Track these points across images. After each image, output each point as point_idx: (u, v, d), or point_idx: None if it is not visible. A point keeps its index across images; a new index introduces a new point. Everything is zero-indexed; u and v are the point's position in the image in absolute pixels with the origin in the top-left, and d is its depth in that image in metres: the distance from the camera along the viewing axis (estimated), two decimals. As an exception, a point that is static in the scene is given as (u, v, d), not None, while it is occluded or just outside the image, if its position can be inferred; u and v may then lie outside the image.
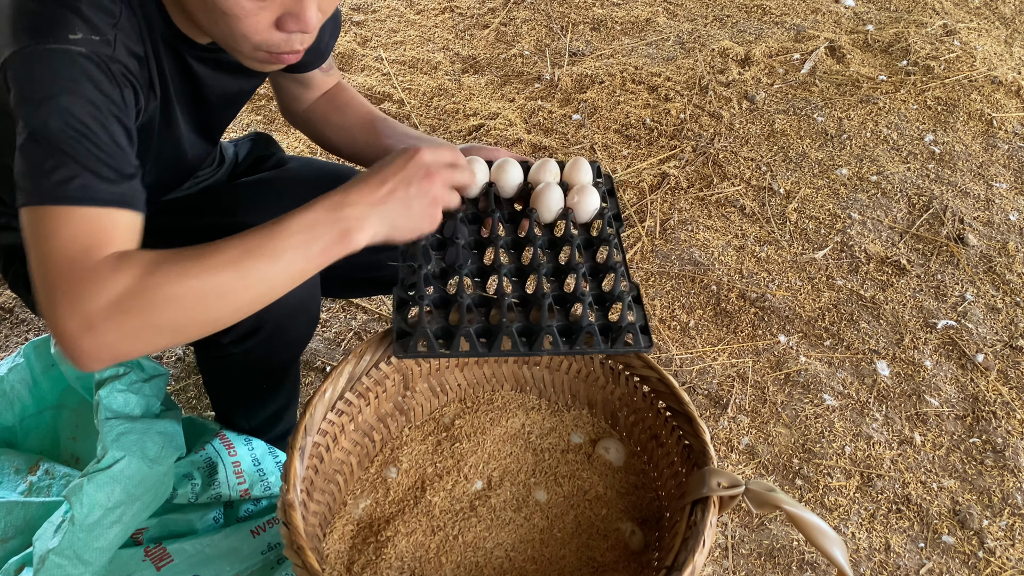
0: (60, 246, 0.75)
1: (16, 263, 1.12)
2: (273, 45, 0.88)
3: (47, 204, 0.76)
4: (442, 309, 0.98)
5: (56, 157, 0.76)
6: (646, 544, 0.99)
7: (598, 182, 1.09)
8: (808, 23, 2.60)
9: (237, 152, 1.33)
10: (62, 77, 0.78)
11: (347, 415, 1.02)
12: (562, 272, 1.02)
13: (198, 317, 0.78)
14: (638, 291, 0.99)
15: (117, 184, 0.79)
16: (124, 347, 0.76)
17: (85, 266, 0.75)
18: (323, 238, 0.82)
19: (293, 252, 0.81)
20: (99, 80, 0.80)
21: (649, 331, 0.96)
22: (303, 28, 0.86)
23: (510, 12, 2.66)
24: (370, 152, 1.20)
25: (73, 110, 0.78)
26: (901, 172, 2.05)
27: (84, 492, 0.99)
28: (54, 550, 0.99)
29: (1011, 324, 1.69)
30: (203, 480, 1.15)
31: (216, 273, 0.77)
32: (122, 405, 1.09)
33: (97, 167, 0.78)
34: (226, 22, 0.85)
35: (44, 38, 0.79)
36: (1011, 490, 1.41)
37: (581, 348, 0.95)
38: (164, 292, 0.75)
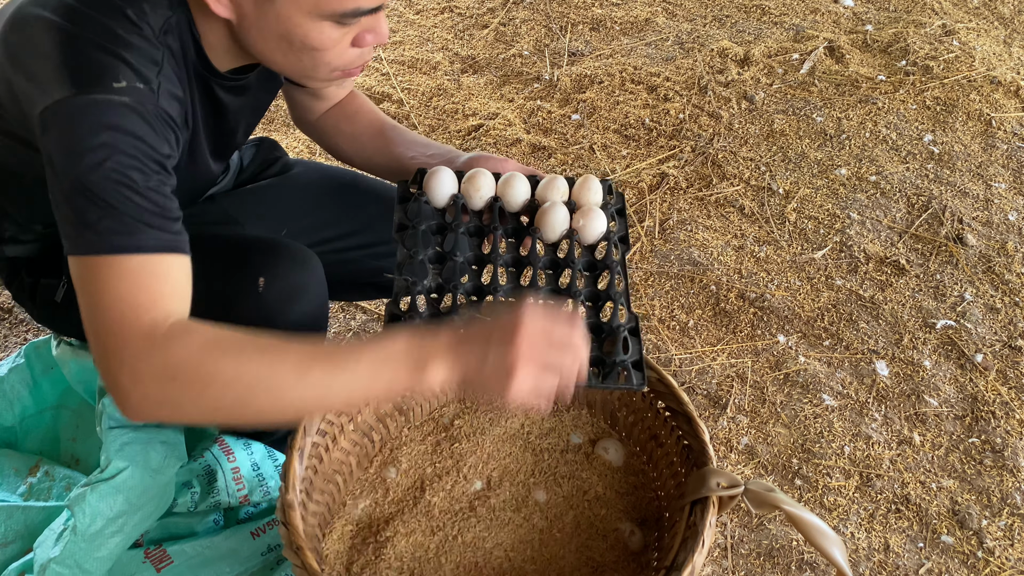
0: (112, 301, 0.76)
1: (22, 273, 1.12)
2: (349, 63, 0.91)
3: (94, 255, 0.77)
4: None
5: (101, 208, 0.77)
6: (645, 544, 0.99)
7: (608, 201, 1.06)
8: (807, 23, 2.60)
9: (242, 158, 1.33)
10: (105, 127, 0.78)
11: (346, 415, 1.03)
12: (561, 295, 0.99)
13: (243, 407, 0.77)
14: (637, 323, 0.95)
15: (161, 230, 0.79)
16: (166, 412, 0.77)
17: (140, 327, 0.76)
18: (397, 368, 0.77)
19: (362, 371, 0.77)
20: (142, 131, 0.80)
21: (643, 367, 0.92)
22: (380, 41, 0.89)
23: (509, 12, 2.67)
24: (380, 160, 1.19)
25: (117, 161, 0.78)
26: (900, 172, 2.05)
27: (86, 501, 0.99)
28: (55, 559, 0.99)
29: (1010, 324, 1.69)
30: (202, 488, 1.15)
31: (274, 366, 0.76)
32: (126, 414, 1.09)
33: (141, 216, 0.78)
34: (312, 56, 0.87)
35: (89, 87, 0.79)
36: (1010, 490, 1.41)
37: None
38: (218, 372, 0.75)
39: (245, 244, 1.05)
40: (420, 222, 1.00)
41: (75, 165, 0.77)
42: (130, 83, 0.80)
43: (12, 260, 1.11)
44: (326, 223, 1.26)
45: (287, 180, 1.32)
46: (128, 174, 0.78)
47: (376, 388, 0.78)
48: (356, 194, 1.31)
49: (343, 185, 1.32)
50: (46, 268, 1.09)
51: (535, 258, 1.00)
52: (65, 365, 1.21)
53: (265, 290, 1.00)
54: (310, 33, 0.84)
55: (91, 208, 0.77)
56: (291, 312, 1.01)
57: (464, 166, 1.08)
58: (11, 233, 1.09)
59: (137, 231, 0.78)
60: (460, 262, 0.98)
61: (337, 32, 0.85)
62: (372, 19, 0.87)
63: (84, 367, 1.19)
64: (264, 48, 0.89)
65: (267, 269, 1.01)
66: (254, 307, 1.00)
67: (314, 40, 0.85)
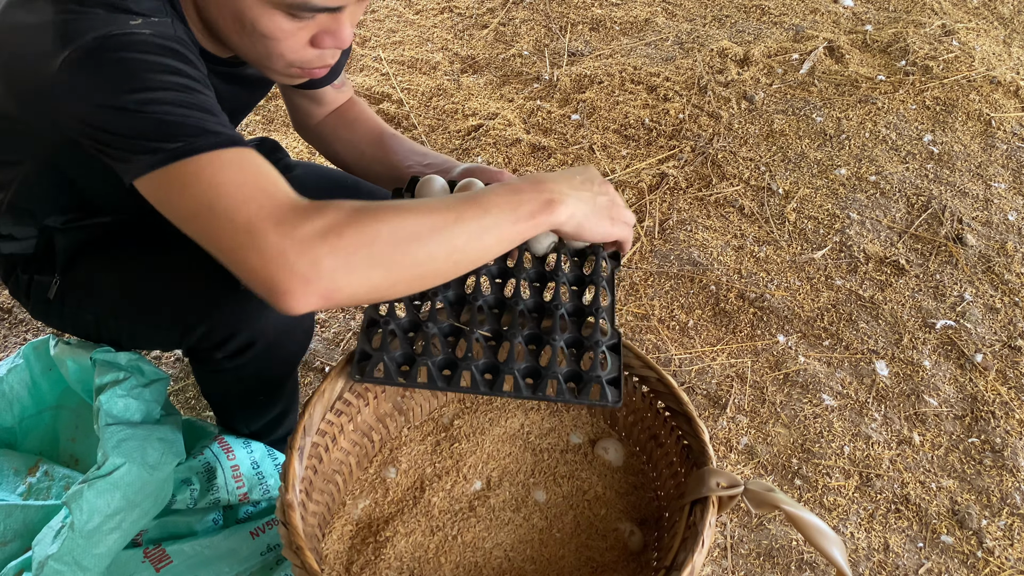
0: (234, 189, 0.73)
1: (17, 270, 1.12)
2: (307, 62, 0.89)
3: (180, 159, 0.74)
4: (412, 333, 0.95)
5: (166, 123, 0.75)
6: (645, 544, 0.99)
7: None
8: (807, 23, 2.60)
9: None
10: (139, 53, 0.77)
11: (346, 415, 1.02)
12: (544, 309, 0.98)
13: (411, 254, 0.76)
14: (619, 339, 0.95)
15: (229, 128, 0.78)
16: (340, 276, 0.72)
17: (279, 200, 0.73)
18: (529, 203, 0.83)
19: (500, 210, 0.81)
20: (173, 52, 0.80)
21: (620, 384, 0.92)
22: (339, 44, 0.88)
23: (509, 12, 2.67)
24: (378, 167, 1.19)
25: (162, 78, 0.76)
26: (900, 172, 2.05)
27: (84, 498, 0.99)
28: (53, 556, 0.99)
29: (1010, 324, 1.69)
30: (202, 486, 1.15)
31: (431, 214, 0.77)
32: (122, 411, 1.09)
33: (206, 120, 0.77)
34: (264, 43, 0.86)
35: (109, 28, 0.77)
36: (1010, 490, 1.41)
37: (543, 395, 0.92)
38: (380, 225, 0.74)
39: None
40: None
41: (121, 94, 0.75)
42: (146, 19, 0.80)
43: (8, 257, 1.12)
44: None
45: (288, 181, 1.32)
46: (178, 89, 0.77)
47: (517, 228, 0.82)
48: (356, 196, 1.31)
49: (344, 187, 1.32)
50: (40, 265, 1.10)
51: (520, 270, 1.00)
52: (63, 365, 1.21)
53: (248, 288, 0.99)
54: (260, 18, 0.83)
55: (156, 125, 0.75)
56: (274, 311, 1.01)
57: (459, 176, 1.08)
58: (7, 230, 1.09)
59: (215, 131, 0.76)
60: None
61: (289, 24, 0.84)
62: (331, 20, 0.86)
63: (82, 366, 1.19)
64: (222, 26, 0.88)
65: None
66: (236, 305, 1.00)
67: (264, 27, 0.84)
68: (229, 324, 1.00)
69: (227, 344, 1.02)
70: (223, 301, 1.00)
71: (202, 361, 1.09)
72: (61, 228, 1.08)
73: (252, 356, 1.05)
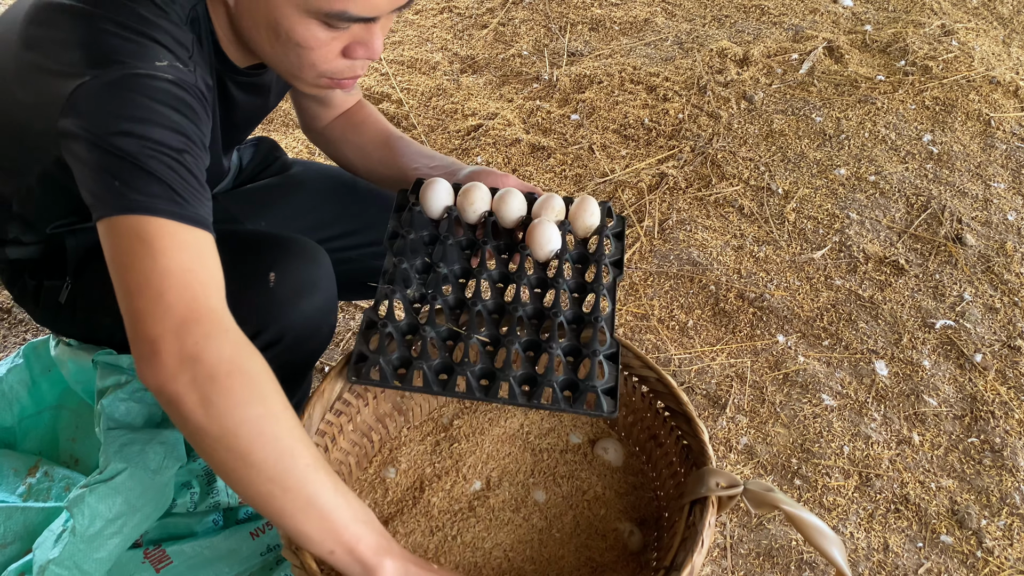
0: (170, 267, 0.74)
1: (24, 276, 1.12)
2: (337, 72, 0.89)
3: (142, 214, 0.75)
4: (411, 335, 0.95)
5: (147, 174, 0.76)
6: (645, 544, 0.99)
7: (607, 222, 1.05)
8: (806, 23, 2.60)
9: (241, 157, 1.33)
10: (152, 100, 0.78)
11: (346, 415, 1.02)
12: (544, 316, 0.98)
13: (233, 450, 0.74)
14: (617, 348, 0.94)
15: (203, 206, 0.79)
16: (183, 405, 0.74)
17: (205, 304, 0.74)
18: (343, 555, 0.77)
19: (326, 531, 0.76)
20: (186, 106, 0.80)
21: (616, 394, 0.91)
22: (371, 56, 0.88)
23: (508, 12, 2.67)
24: (384, 171, 1.19)
25: (163, 133, 0.77)
26: (899, 172, 2.05)
27: (85, 503, 0.99)
28: (54, 560, 0.99)
29: (1009, 324, 1.69)
30: (202, 489, 1.15)
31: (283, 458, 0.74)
32: (124, 414, 1.09)
33: (185, 188, 0.78)
34: (297, 53, 0.86)
35: (129, 64, 0.78)
36: (1009, 490, 1.41)
37: (539, 402, 0.91)
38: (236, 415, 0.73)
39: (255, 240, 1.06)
40: (411, 231, 1.00)
41: (118, 135, 0.76)
42: (171, 62, 0.80)
43: (14, 262, 1.11)
44: (325, 222, 1.27)
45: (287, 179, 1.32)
46: (175, 147, 0.78)
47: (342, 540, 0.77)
48: (356, 194, 1.32)
49: (343, 185, 1.32)
50: (50, 270, 1.09)
51: (522, 275, 0.99)
52: (63, 365, 1.21)
53: (276, 285, 1.00)
54: (296, 27, 0.83)
55: (137, 175, 0.75)
56: (302, 306, 1.02)
57: (464, 179, 1.08)
58: (14, 235, 1.08)
59: (185, 202, 0.77)
60: (443, 274, 0.97)
61: (324, 33, 0.84)
62: (364, 31, 0.86)
63: (82, 367, 1.19)
64: (254, 36, 0.88)
65: (277, 264, 1.01)
66: (265, 302, 1.00)
67: (299, 36, 0.84)
68: (256, 321, 1.00)
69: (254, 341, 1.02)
70: (251, 297, 1.00)
71: None
72: (72, 230, 1.07)
73: (279, 351, 1.05)
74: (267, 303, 1.00)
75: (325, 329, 1.09)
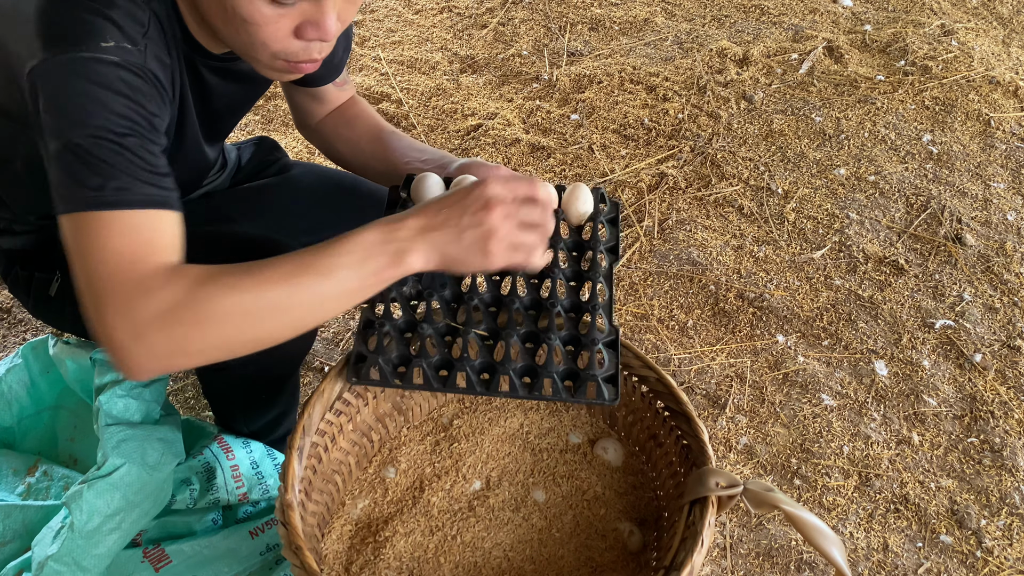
0: (106, 256, 0.75)
1: (16, 266, 1.12)
2: (292, 54, 0.88)
3: (87, 211, 0.76)
4: (409, 333, 0.95)
5: (91, 165, 0.76)
6: (644, 544, 0.99)
7: (601, 209, 1.05)
8: (806, 23, 2.60)
9: (240, 156, 1.33)
10: (94, 84, 0.78)
11: (345, 415, 1.02)
12: (541, 306, 0.97)
13: (248, 332, 0.78)
14: (616, 335, 0.94)
15: (153, 186, 0.79)
16: (173, 359, 0.76)
17: (134, 276, 0.75)
18: (377, 259, 0.81)
19: (347, 271, 0.79)
20: (131, 89, 0.80)
21: (617, 381, 0.91)
22: (322, 36, 0.86)
23: (508, 12, 2.66)
24: (377, 165, 1.18)
25: (105, 117, 0.78)
26: (899, 172, 2.05)
27: (84, 499, 0.99)
28: (53, 556, 0.99)
29: (1009, 324, 1.69)
30: (201, 485, 1.15)
31: (268, 288, 0.77)
32: (122, 411, 1.09)
33: (133, 171, 0.78)
34: (246, 30, 0.85)
35: (76, 46, 0.78)
36: (1009, 490, 1.41)
37: (540, 394, 0.91)
38: (215, 305, 0.75)
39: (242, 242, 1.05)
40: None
41: (64, 123, 0.77)
42: (118, 42, 0.80)
43: (7, 252, 1.11)
44: (323, 224, 1.26)
45: (285, 180, 1.32)
46: (117, 131, 0.78)
47: (364, 285, 0.81)
48: (354, 196, 1.31)
49: (341, 187, 1.32)
50: (40, 262, 1.09)
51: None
52: (62, 364, 1.21)
53: None
54: (241, 3, 0.82)
55: (82, 166, 0.76)
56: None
57: (456, 172, 1.08)
58: (4, 224, 1.08)
59: (129, 187, 0.77)
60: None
61: (269, 10, 0.83)
62: (314, 9, 0.85)
63: (82, 366, 1.19)
64: (210, 16, 0.88)
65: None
66: None
67: (245, 11, 0.83)
68: None
69: None
70: None
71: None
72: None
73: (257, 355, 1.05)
74: None
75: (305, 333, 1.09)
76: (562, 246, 1.01)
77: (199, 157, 1.09)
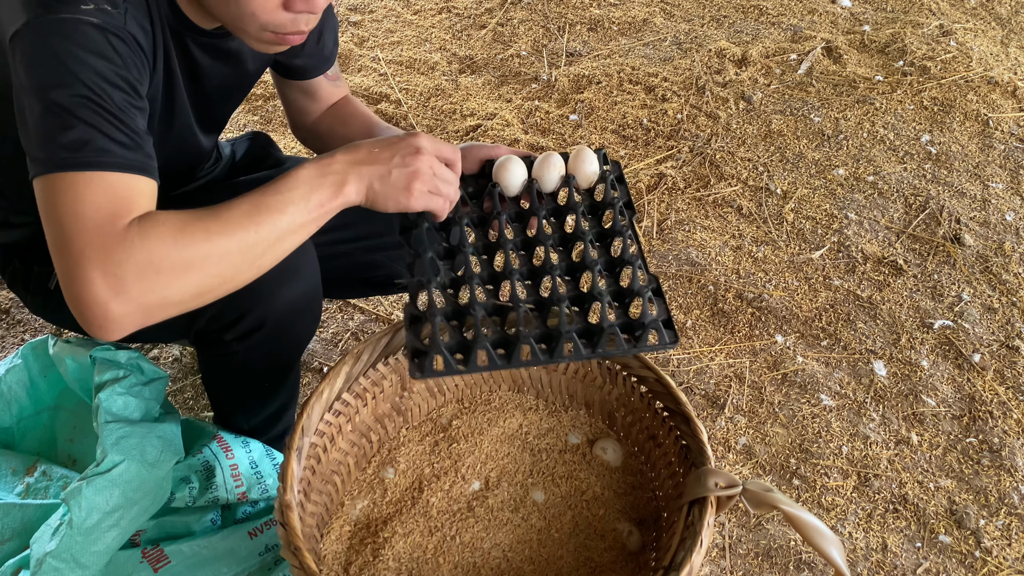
0: (84, 211, 0.76)
1: (14, 261, 1.12)
2: (280, 26, 0.89)
3: (65, 170, 0.77)
4: (455, 321, 0.94)
5: (70, 124, 0.77)
6: (643, 544, 0.99)
7: (605, 170, 1.06)
8: (805, 24, 2.60)
9: (235, 151, 1.33)
10: (74, 45, 0.79)
11: (344, 416, 1.02)
12: (576, 270, 0.98)
13: (224, 275, 0.81)
14: (657, 283, 0.95)
15: (132, 150, 0.80)
16: (152, 311, 0.77)
17: (112, 231, 0.76)
18: (320, 191, 0.86)
19: (295, 205, 0.84)
20: (110, 49, 0.81)
21: (673, 325, 0.92)
22: (311, 9, 0.88)
23: (507, 12, 2.67)
24: None
25: (85, 78, 0.78)
26: (898, 172, 2.05)
27: (83, 495, 0.99)
28: (51, 553, 0.98)
29: (1007, 324, 1.69)
30: (200, 484, 1.15)
31: (237, 230, 0.80)
32: (122, 408, 1.09)
33: (112, 132, 0.79)
34: (236, 1, 0.86)
35: (55, 8, 0.79)
36: (1008, 490, 1.41)
37: (604, 351, 0.90)
38: (193, 252, 0.77)
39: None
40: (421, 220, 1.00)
41: (45, 84, 0.78)
42: (98, 5, 0.81)
43: (4, 246, 1.11)
44: None
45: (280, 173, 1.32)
46: (98, 92, 0.78)
47: (311, 218, 0.86)
48: None
49: None
50: (39, 255, 1.09)
51: (544, 237, 1.00)
52: (62, 363, 1.21)
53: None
54: None
55: (60, 126, 0.77)
56: (284, 292, 1.02)
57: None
58: (2, 216, 1.08)
59: (109, 149, 0.78)
60: (469, 252, 0.97)
61: None
62: None
63: (81, 365, 1.19)
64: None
65: None
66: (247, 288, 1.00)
67: None
68: (239, 305, 1.00)
69: (237, 325, 1.02)
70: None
71: (211, 344, 1.08)
72: None
73: (262, 338, 1.05)
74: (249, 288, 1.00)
75: (308, 316, 1.09)
76: (582, 210, 1.02)
77: (192, 142, 1.09)
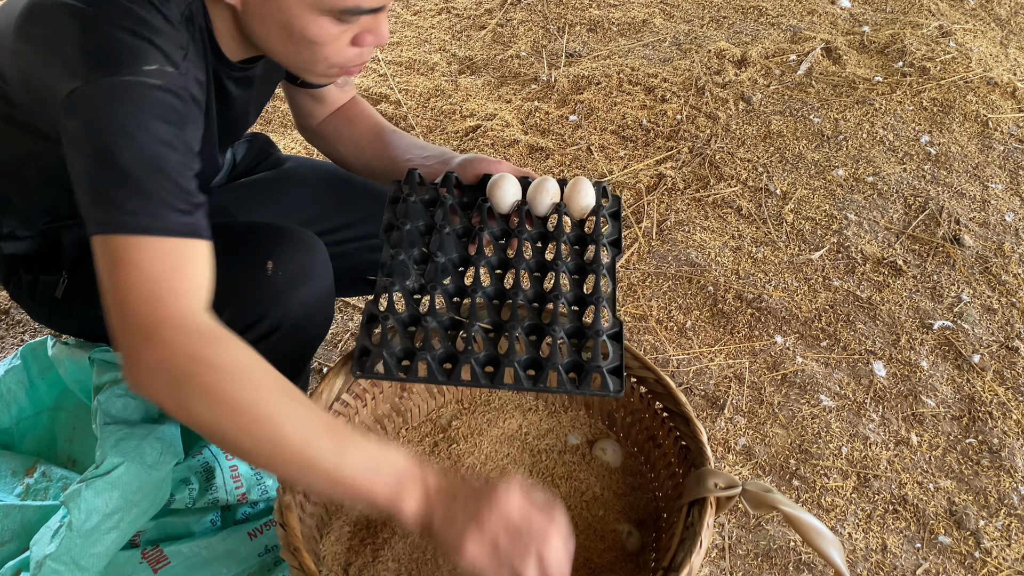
0: (142, 280, 0.76)
1: (19, 272, 1.12)
2: (347, 61, 0.92)
3: (121, 234, 0.77)
4: (413, 327, 0.94)
5: (129, 188, 0.77)
6: (643, 545, 0.99)
7: (603, 204, 1.05)
8: (804, 24, 2.60)
9: (235, 153, 1.34)
10: (136, 109, 0.79)
11: (344, 416, 1.02)
12: (545, 299, 0.98)
13: (237, 436, 0.75)
14: (620, 328, 0.94)
15: (188, 214, 0.80)
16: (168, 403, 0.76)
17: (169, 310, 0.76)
18: (382, 486, 0.76)
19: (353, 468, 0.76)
20: (173, 114, 0.81)
21: (622, 373, 0.91)
22: (380, 42, 0.91)
23: (507, 13, 2.67)
24: (378, 164, 1.19)
25: (146, 142, 0.78)
26: (897, 173, 2.05)
27: (82, 498, 0.99)
28: (51, 555, 0.98)
29: (1007, 325, 1.69)
30: (200, 485, 1.14)
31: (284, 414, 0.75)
32: (121, 410, 1.09)
33: (168, 199, 0.79)
34: (311, 49, 0.88)
35: (120, 69, 0.79)
36: (1007, 490, 1.41)
37: (545, 386, 0.91)
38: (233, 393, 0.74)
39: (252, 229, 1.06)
40: (406, 222, 1.00)
41: (105, 145, 0.78)
42: (160, 66, 0.81)
43: (10, 257, 1.11)
44: (319, 216, 1.27)
45: (280, 174, 1.32)
46: (158, 156, 0.79)
47: (360, 487, 0.76)
48: (349, 189, 1.32)
49: (336, 180, 1.33)
50: (46, 265, 1.09)
51: (520, 260, 0.99)
52: (61, 364, 1.21)
53: (273, 273, 1.00)
54: (309, 26, 0.86)
55: (119, 188, 0.77)
56: (299, 294, 1.02)
57: (458, 168, 1.09)
58: (10, 229, 1.08)
59: (166, 213, 0.78)
60: (442, 263, 0.97)
61: (336, 28, 0.87)
62: (372, 19, 0.89)
63: (80, 366, 1.19)
64: (265, 36, 0.90)
65: (275, 252, 1.02)
66: (263, 290, 1.00)
67: (313, 33, 0.86)
68: (255, 309, 1.01)
69: (253, 329, 1.02)
70: (248, 286, 1.00)
71: None
72: (68, 224, 1.07)
73: (276, 340, 1.05)
74: (265, 291, 1.01)
75: (322, 317, 1.10)
76: (565, 239, 1.01)
77: (211, 164, 1.10)
